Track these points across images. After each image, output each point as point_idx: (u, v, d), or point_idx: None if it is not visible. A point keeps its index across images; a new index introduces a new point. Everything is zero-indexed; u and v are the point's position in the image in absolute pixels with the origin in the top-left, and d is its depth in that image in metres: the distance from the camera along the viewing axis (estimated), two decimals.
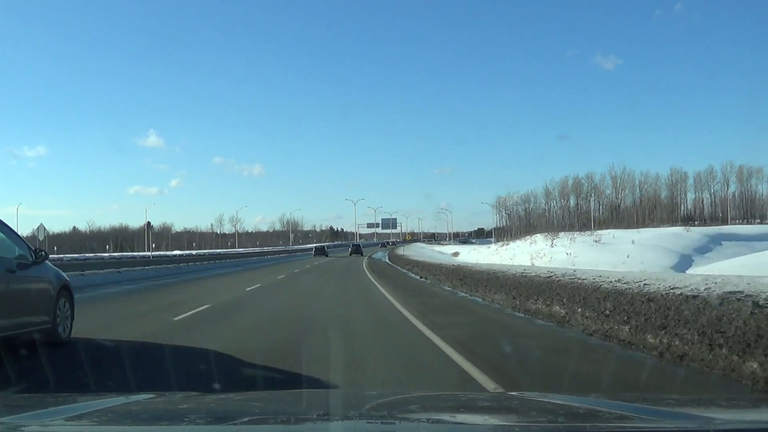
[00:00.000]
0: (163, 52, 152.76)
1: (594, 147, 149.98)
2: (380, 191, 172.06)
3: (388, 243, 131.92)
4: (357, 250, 76.31)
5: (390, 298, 14.96)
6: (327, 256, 67.36)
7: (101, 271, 25.05)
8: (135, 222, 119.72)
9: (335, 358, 6.64)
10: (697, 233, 62.26)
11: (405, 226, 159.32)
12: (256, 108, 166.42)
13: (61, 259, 32.94)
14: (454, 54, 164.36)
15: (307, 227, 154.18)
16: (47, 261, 8.18)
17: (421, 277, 24.13)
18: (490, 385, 5.29)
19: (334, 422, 2.18)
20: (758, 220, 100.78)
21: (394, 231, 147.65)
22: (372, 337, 8.64)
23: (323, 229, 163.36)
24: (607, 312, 8.22)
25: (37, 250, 8.03)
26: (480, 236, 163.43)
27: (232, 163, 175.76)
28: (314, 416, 2.34)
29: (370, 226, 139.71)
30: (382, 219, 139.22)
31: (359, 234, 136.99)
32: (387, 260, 47.33)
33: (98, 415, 2.14)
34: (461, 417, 2.34)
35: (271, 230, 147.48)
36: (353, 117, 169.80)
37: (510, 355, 7.07)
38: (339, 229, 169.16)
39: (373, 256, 61.76)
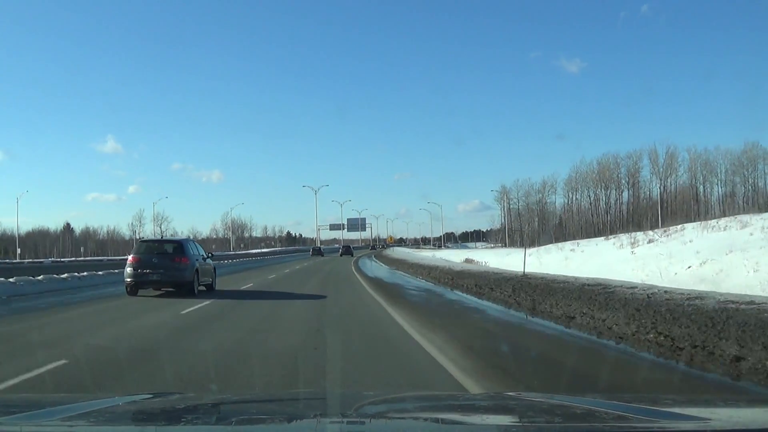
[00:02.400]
0: (124, 56, 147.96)
1: (589, 145, 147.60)
2: (342, 198, 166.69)
3: (377, 245, 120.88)
4: (347, 251, 75.88)
5: None
6: (323, 255, 74.17)
7: None
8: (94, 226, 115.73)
9: None
10: None
11: (374, 228, 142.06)
12: (217, 114, 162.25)
13: None
14: (394, 59, 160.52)
15: (257, 232, 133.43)
16: (210, 258, 18.78)
17: None
18: None
19: (330, 422, 2.18)
20: None
21: (363, 234, 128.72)
22: None
23: (281, 234, 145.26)
24: None
25: (209, 252, 19.46)
26: (450, 240, 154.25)
27: (191, 169, 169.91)
28: (311, 416, 2.35)
29: (333, 227, 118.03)
30: (349, 219, 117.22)
31: (320, 239, 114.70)
32: (434, 282, 21.27)
33: (95, 415, 2.14)
34: (458, 417, 2.35)
35: (213, 235, 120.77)
36: (315, 123, 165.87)
37: None
38: (297, 234, 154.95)
39: (365, 269, 32.40)
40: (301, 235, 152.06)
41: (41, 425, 1.95)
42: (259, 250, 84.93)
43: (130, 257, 16.19)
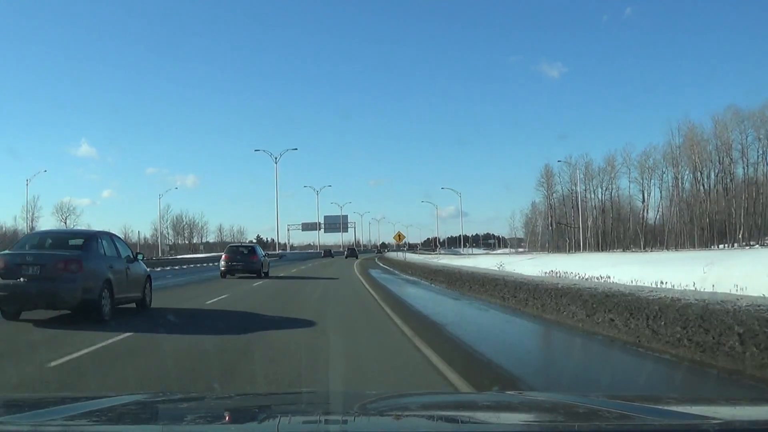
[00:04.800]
0: (101, 60, 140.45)
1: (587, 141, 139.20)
2: (312, 205, 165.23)
3: (382, 249, 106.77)
4: (352, 253, 74.75)
5: None
6: (333, 257, 76.87)
7: None
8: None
9: None
10: None
11: (359, 231, 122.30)
12: (194, 119, 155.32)
13: None
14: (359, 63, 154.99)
15: (211, 236, 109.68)
16: (267, 256, 31.32)
17: None
18: None
19: (332, 421, 2.19)
20: None
21: (345, 237, 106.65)
22: None
23: (249, 239, 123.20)
24: None
25: (266, 252, 33.58)
26: (429, 245, 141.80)
27: (166, 174, 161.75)
28: (313, 415, 2.35)
29: (306, 227, 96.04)
30: (326, 217, 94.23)
31: (290, 243, 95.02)
32: None
33: (97, 414, 2.14)
34: (461, 416, 2.35)
35: (150, 241, 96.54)
36: (291, 128, 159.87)
37: None
38: (269, 239, 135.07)
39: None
40: (273, 240, 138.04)
41: (44, 425, 1.95)
42: (195, 255, 69.79)
43: (223, 255, 27.07)
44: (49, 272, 9.82)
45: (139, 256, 12.88)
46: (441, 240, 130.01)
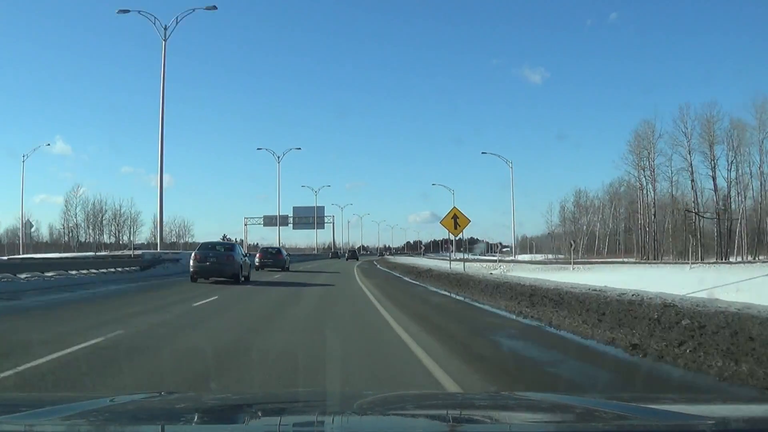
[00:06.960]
0: (79, 54, 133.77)
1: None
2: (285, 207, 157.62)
3: (384, 252, 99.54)
4: (353, 255, 72.91)
5: None
6: (339, 258, 76.44)
7: None
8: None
9: None
10: None
11: (338, 231, 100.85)
12: (172, 119, 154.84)
13: None
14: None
15: (142, 234, 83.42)
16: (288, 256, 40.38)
17: None
18: None
19: (330, 421, 2.20)
20: None
21: (321, 235, 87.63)
22: None
23: (220, 237, 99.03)
24: None
25: (289, 253, 45.81)
26: (408, 249, 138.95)
27: (141, 173, 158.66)
28: (311, 415, 2.35)
29: (269, 222, 75.38)
30: (295, 209, 75.09)
31: (247, 241, 76.53)
32: None
33: (95, 414, 2.14)
34: (458, 416, 2.36)
35: (59, 234, 77.36)
36: (271, 127, 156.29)
37: None
38: (238, 240, 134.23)
39: None
40: (241, 241, 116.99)
41: (41, 424, 1.95)
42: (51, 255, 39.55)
43: (258, 254, 35.59)
44: (220, 260, 20.67)
45: (247, 254, 26.77)
46: (423, 243, 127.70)
